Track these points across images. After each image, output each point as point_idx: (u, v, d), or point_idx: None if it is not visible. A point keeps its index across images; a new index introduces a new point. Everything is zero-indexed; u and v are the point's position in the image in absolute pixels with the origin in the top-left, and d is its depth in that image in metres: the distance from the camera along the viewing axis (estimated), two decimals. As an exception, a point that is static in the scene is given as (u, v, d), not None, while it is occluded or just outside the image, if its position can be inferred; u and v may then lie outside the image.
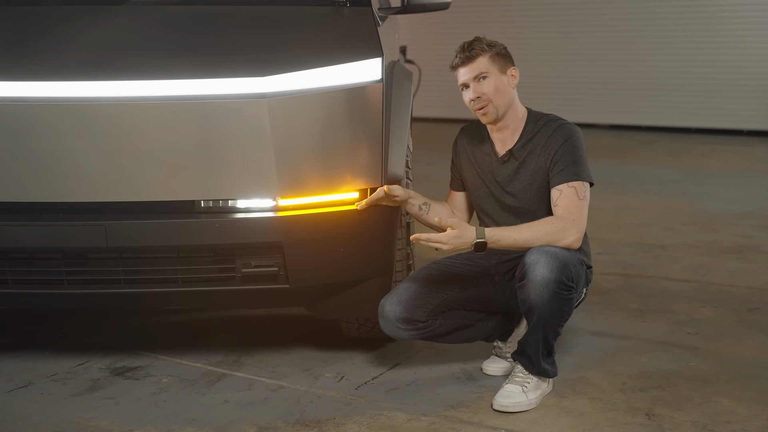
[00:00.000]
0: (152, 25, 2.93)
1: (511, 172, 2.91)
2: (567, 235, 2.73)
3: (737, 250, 4.74)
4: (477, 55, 2.83)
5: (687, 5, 9.69)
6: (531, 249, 2.72)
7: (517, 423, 2.70)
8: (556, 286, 2.66)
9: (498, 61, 2.85)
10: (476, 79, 2.84)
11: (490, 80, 2.83)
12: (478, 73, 2.83)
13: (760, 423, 2.68)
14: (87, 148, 2.74)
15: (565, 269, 2.67)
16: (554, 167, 2.82)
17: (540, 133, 2.87)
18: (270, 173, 2.76)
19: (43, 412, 2.82)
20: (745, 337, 3.42)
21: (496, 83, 2.84)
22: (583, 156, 2.84)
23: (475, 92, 2.84)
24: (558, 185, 2.81)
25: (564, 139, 2.83)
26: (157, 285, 2.87)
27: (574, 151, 2.82)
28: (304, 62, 2.79)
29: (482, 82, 2.83)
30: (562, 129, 2.85)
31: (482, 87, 2.84)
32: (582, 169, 2.82)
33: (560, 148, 2.82)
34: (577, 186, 2.79)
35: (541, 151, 2.86)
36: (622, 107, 10.18)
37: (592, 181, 2.85)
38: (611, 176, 7.05)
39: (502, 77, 2.85)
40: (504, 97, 2.85)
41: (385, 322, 2.88)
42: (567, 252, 2.73)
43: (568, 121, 2.90)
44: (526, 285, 2.69)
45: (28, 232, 2.80)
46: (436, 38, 10.97)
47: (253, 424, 2.72)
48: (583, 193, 2.79)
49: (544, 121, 2.90)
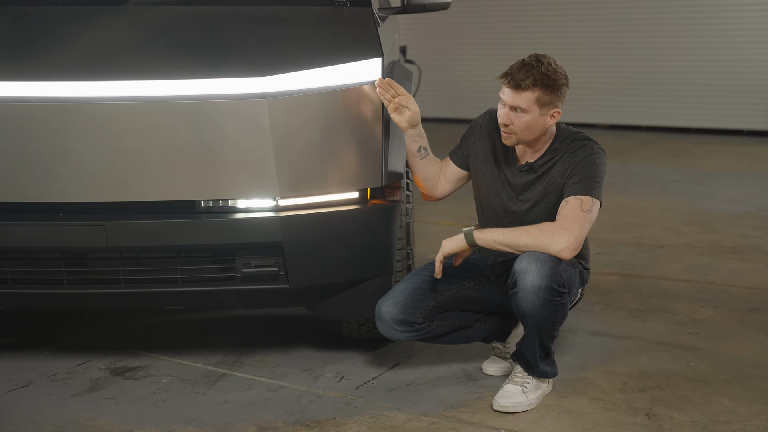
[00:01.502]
0: (152, 25, 2.93)
1: (526, 182, 2.87)
2: (556, 242, 2.66)
3: (737, 250, 4.74)
4: (525, 89, 2.69)
5: (687, 5, 9.69)
6: (521, 255, 2.70)
7: (517, 423, 2.70)
8: (547, 294, 2.65)
9: (543, 102, 2.71)
10: (513, 108, 2.75)
11: (526, 117, 2.73)
12: (517, 107, 2.73)
13: (760, 423, 2.68)
14: (87, 148, 2.74)
15: (555, 275, 2.66)
16: (568, 180, 2.77)
17: (563, 150, 2.82)
18: (270, 173, 2.76)
19: (43, 412, 2.82)
20: (745, 337, 3.42)
21: (529, 122, 2.73)
22: (600, 176, 2.77)
23: (506, 118, 2.76)
24: (567, 197, 2.75)
25: (585, 156, 2.77)
26: (157, 285, 2.87)
27: (592, 168, 2.75)
28: (304, 62, 2.79)
29: (517, 114, 2.74)
30: (585, 147, 2.79)
31: (514, 119, 2.74)
32: (595, 187, 2.74)
33: (579, 163, 2.76)
34: (584, 199, 2.71)
35: (560, 165, 2.80)
36: (622, 107, 10.18)
37: (600, 200, 2.74)
38: (611, 176, 7.01)
39: (539, 118, 2.73)
40: (532, 134, 2.77)
41: (381, 323, 2.88)
42: (557, 257, 2.69)
43: (594, 141, 2.82)
44: (518, 293, 2.68)
45: (28, 232, 2.80)
46: (436, 38, 10.98)
47: (253, 424, 2.72)
48: (588, 207, 2.70)
49: (571, 138, 2.83)
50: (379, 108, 2.87)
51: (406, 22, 7.42)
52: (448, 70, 10.98)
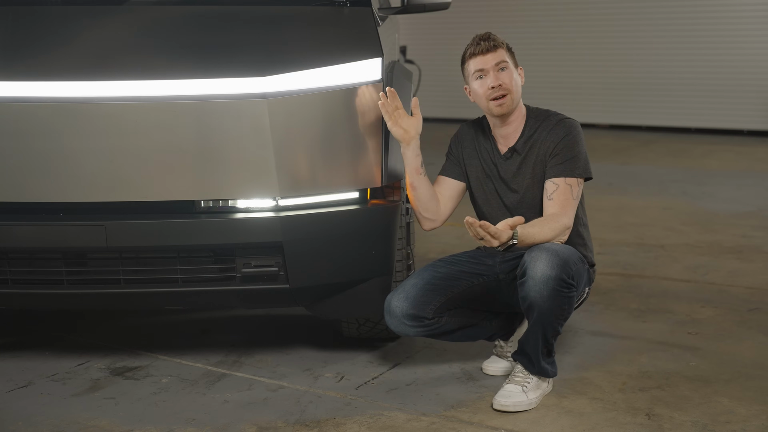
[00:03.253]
0: (152, 25, 2.93)
1: (514, 167, 2.93)
2: (564, 232, 2.81)
3: (737, 250, 4.74)
4: (498, 46, 2.88)
5: (687, 5, 9.69)
6: (532, 246, 2.72)
7: (517, 423, 2.70)
8: (556, 284, 2.66)
9: (512, 57, 2.92)
10: (497, 68, 2.87)
11: (509, 72, 2.88)
12: (500, 62, 2.87)
13: (760, 423, 2.68)
14: (87, 148, 2.74)
15: (565, 267, 2.68)
16: (552, 160, 2.86)
17: (541, 128, 2.91)
18: (270, 173, 2.76)
19: (43, 412, 2.82)
20: (745, 337, 3.42)
21: (513, 76, 2.89)
22: (582, 152, 2.89)
23: (496, 80, 2.86)
24: (554, 178, 2.85)
25: (565, 133, 2.88)
26: (157, 285, 2.87)
27: (574, 146, 2.87)
28: (304, 62, 2.79)
29: (502, 72, 2.87)
30: (562, 123, 2.90)
31: (503, 77, 2.87)
32: (579, 165, 2.86)
33: (560, 141, 2.87)
34: (573, 184, 2.85)
35: (541, 144, 2.89)
36: (622, 107, 10.18)
37: (591, 176, 2.90)
38: (611, 176, 7.05)
39: (515, 71, 2.91)
40: (518, 91, 2.91)
41: (391, 318, 2.88)
42: (568, 249, 2.74)
43: (567, 116, 2.95)
44: (527, 282, 2.69)
45: (28, 232, 2.80)
46: (436, 38, 10.98)
47: (253, 424, 2.72)
48: (577, 192, 2.85)
49: (545, 116, 2.94)
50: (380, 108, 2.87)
51: (406, 22, 7.41)
52: (448, 70, 10.94)
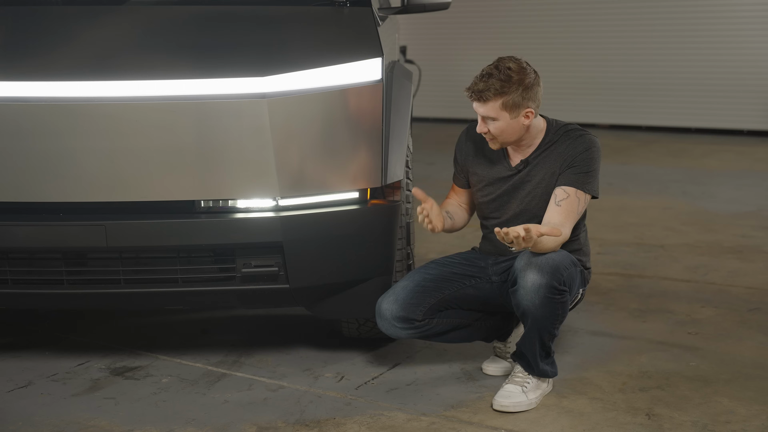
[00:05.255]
0: (152, 25, 2.93)
1: (523, 177, 2.90)
2: (562, 243, 2.77)
3: (737, 250, 4.74)
4: (488, 99, 2.75)
5: (687, 5, 9.69)
6: (522, 254, 2.72)
7: (517, 423, 2.70)
8: (547, 291, 2.66)
9: (509, 106, 2.75)
10: (483, 119, 2.81)
11: (498, 123, 2.78)
12: (487, 117, 2.79)
13: (760, 423, 2.68)
14: (87, 148, 2.74)
15: (556, 273, 2.67)
16: (568, 170, 2.81)
17: (559, 142, 2.86)
18: (270, 173, 2.76)
19: (43, 412, 2.82)
20: (745, 337, 3.42)
21: (503, 127, 2.78)
22: (598, 170, 2.86)
23: (483, 127, 2.81)
24: (567, 186, 2.80)
25: (585, 147, 2.83)
26: (157, 285, 2.87)
27: (592, 162, 2.83)
28: (304, 62, 2.79)
29: (490, 122, 2.79)
30: (583, 138, 2.85)
31: (489, 126, 2.80)
32: (592, 182, 2.83)
33: (581, 154, 2.82)
34: (581, 198, 2.81)
35: (558, 156, 2.84)
36: (622, 107, 10.18)
37: (598, 196, 2.86)
38: (611, 176, 7.04)
39: (512, 121, 2.78)
40: (512, 135, 2.82)
41: (382, 320, 2.88)
42: (559, 255, 2.73)
43: (589, 132, 2.89)
44: (518, 291, 2.70)
45: (28, 232, 2.80)
46: (436, 38, 10.98)
47: (253, 424, 2.72)
48: (581, 208, 2.82)
49: (564, 130, 2.88)
50: (379, 108, 2.87)
51: (406, 22, 7.42)
52: (448, 70, 10.97)
